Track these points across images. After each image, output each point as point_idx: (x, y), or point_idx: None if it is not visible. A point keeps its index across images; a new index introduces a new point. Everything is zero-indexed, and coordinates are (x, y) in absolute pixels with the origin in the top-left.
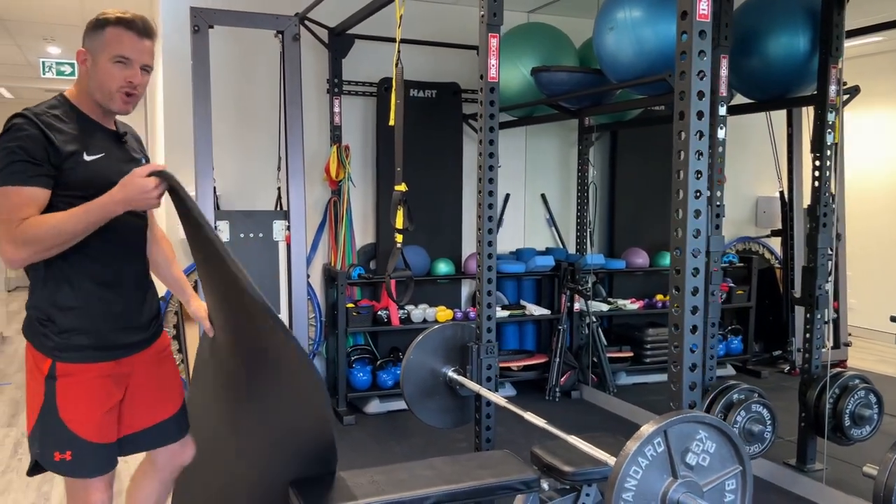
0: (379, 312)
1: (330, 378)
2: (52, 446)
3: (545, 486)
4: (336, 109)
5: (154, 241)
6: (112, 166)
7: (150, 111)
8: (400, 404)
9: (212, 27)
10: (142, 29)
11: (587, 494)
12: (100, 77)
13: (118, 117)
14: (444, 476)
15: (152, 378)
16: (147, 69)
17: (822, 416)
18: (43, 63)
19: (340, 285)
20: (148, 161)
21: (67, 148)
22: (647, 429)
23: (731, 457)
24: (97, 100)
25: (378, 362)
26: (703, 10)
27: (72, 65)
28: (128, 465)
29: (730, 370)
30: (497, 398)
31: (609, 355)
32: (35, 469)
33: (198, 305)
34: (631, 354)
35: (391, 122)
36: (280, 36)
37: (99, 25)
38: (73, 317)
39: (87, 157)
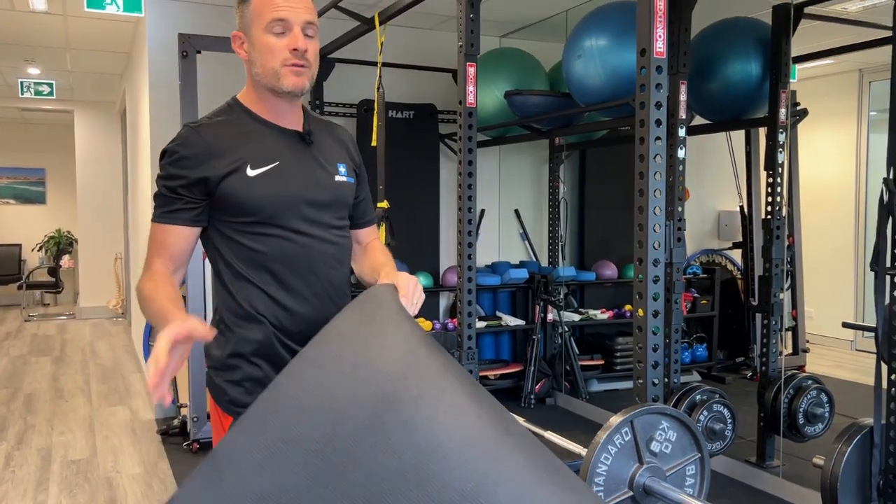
0: None
1: None
2: None
3: None
4: None
5: (362, 252)
6: (289, 176)
7: (131, 132)
8: None
9: (199, 52)
10: None
11: None
12: (260, 55)
13: (314, 115)
14: None
15: None
16: (310, 31)
17: (779, 415)
18: (21, 83)
19: None
20: (356, 168)
21: (226, 165)
22: (615, 419)
23: (690, 445)
24: (266, 84)
25: None
26: (660, 48)
27: (49, 84)
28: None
29: (696, 377)
30: None
31: (581, 363)
32: None
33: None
34: (602, 362)
35: (373, 143)
36: None
37: None
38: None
39: (250, 173)
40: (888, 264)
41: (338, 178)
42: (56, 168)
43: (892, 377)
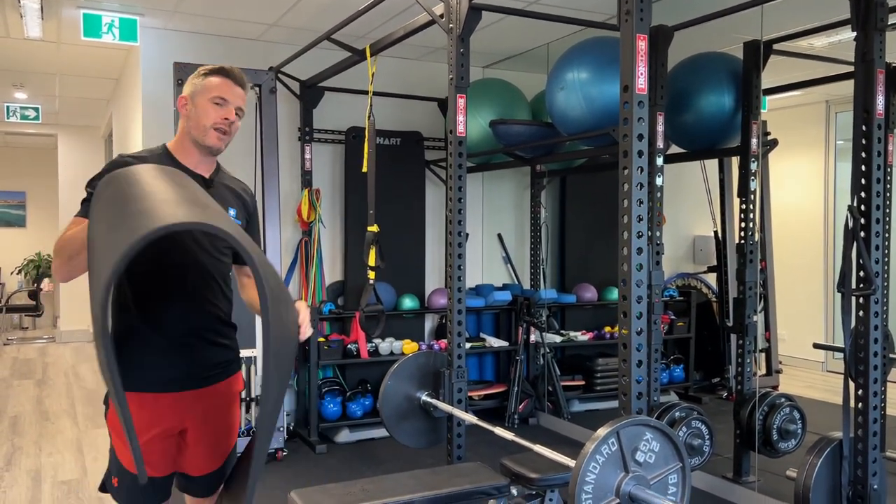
0: (349, 346)
1: (301, 409)
2: (111, 471)
3: (514, 491)
4: (307, 156)
5: (249, 286)
6: None
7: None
8: (369, 433)
9: None
10: (238, 78)
11: (550, 499)
12: (198, 114)
13: (227, 172)
14: (426, 484)
15: (209, 423)
16: (240, 113)
17: (754, 432)
18: (7, 108)
19: (313, 320)
20: (248, 218)
21: None
22: (602, 431)
23: (672, 455)
24: (193, 136)
25: (347, 394)
26: (641, 84)
27: (36, 109)
28: None
29: (673, 397)
30: (469, 417)
31: (563, 384)
32: (103, 487)
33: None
34: (583, 383)
35: (364, 170)
36: (257, 89)
37: (202, 74)
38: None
39: None
40: (853, 286)
41: None
42: (37, 191)
43: (859, 393)
